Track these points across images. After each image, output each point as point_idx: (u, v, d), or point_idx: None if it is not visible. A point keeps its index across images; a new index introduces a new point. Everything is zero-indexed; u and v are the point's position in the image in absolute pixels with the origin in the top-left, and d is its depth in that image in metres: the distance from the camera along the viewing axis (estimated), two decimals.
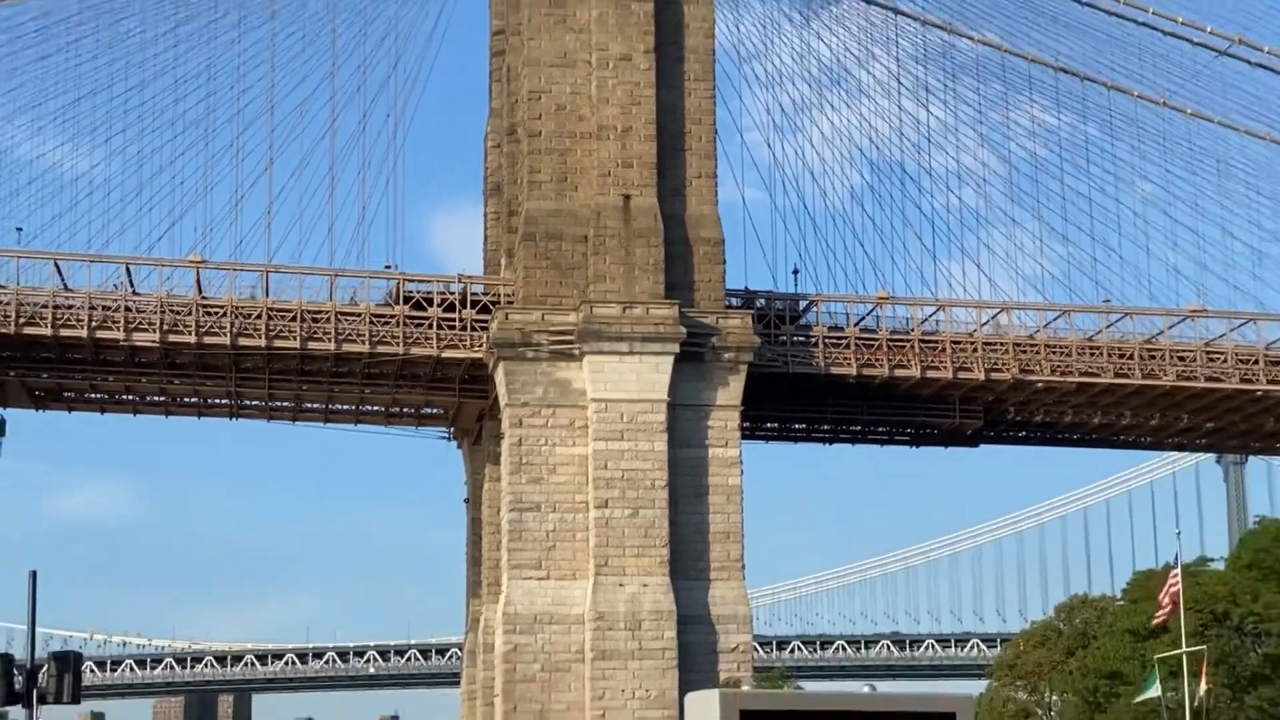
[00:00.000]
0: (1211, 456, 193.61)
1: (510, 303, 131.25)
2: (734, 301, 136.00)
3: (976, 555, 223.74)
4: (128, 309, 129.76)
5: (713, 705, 9.80)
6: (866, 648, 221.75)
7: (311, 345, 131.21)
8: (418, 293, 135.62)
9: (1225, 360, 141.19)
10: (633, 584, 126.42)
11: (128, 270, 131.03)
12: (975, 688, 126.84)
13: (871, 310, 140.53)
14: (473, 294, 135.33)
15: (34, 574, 45.16)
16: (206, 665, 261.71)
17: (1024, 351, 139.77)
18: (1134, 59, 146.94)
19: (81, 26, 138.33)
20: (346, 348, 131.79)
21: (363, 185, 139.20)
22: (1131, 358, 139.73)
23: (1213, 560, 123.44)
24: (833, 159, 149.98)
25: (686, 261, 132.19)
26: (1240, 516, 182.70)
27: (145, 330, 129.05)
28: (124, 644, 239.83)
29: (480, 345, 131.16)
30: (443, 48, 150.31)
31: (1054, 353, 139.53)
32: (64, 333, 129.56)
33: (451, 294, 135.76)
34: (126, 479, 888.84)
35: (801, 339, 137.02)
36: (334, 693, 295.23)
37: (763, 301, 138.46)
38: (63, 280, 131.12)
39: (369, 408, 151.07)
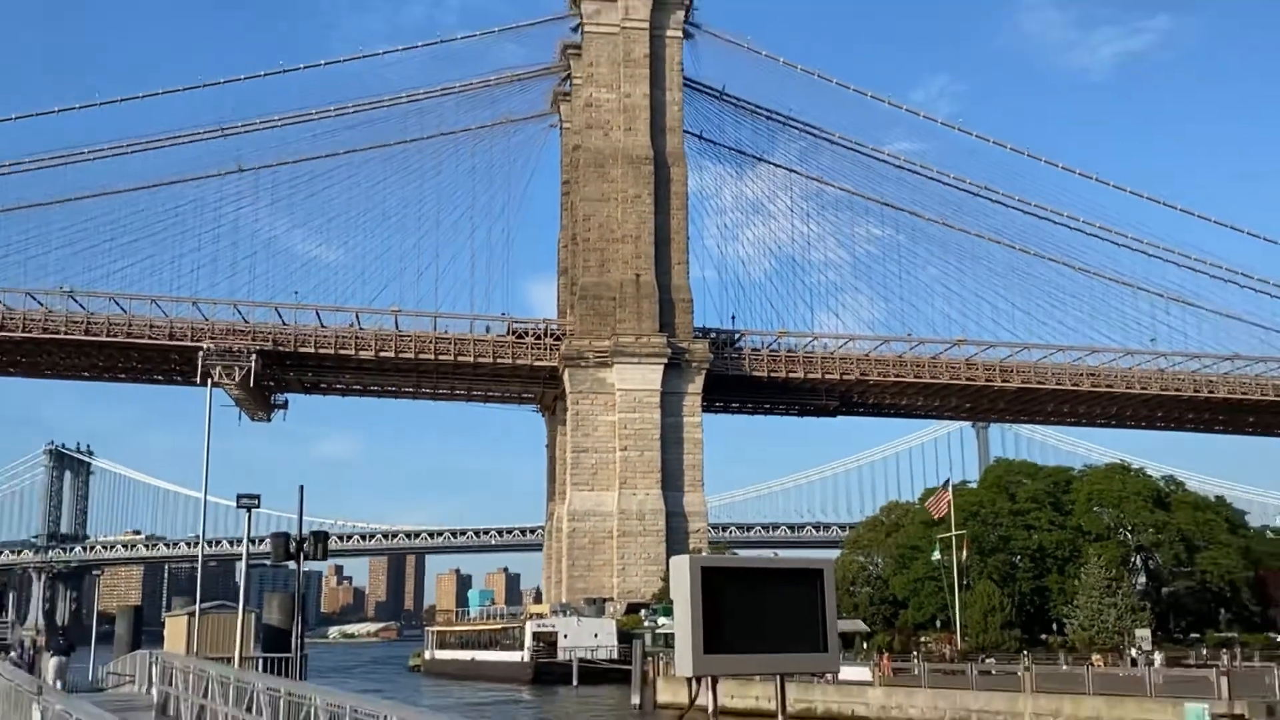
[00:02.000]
0: (969, 423, 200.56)
1: (571, 335, 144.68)
2: (697, 334, 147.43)
3: (837, 478, 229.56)
4: (358, 338, 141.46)
5: (684, 565, 7.81)
6: (774, 530, 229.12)
7: (460, 359, 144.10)
8: (520, 329, 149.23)
9: (975, 368, 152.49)
10: (640, 493, 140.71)
11: (357, 316, 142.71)
12: (834, 554, 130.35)
13: (775, 340, 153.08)
14: (551, 330, 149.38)
15: (301, 487, 45.38)
16: (399, 539, 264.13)
17: (860, 363, 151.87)
18: (926, 197, 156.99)
19: (335, 173, 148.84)
20: (481, 360, 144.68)
21: (490, 266, 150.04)
22: (923, 367, 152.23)
23: (969, 482, 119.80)
24: (753, 254, 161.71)
25: (671, 312, 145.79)
26: (985, 458, 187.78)
27: (367, 350, 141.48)
28: (353, 526, 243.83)
29: (555, 358, 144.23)
30: (535, 188, 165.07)
31: (877, 364, 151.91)
32: (321, 351, 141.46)
33: (539, 330, 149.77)
34: (356, 434, 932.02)
35: (735, 355, 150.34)
36: (471, 554, 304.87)
37: (714, 334, 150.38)
38: (319, 320, 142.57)
39: (493, 393, 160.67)
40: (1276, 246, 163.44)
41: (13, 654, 44.44)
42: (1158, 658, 70.81)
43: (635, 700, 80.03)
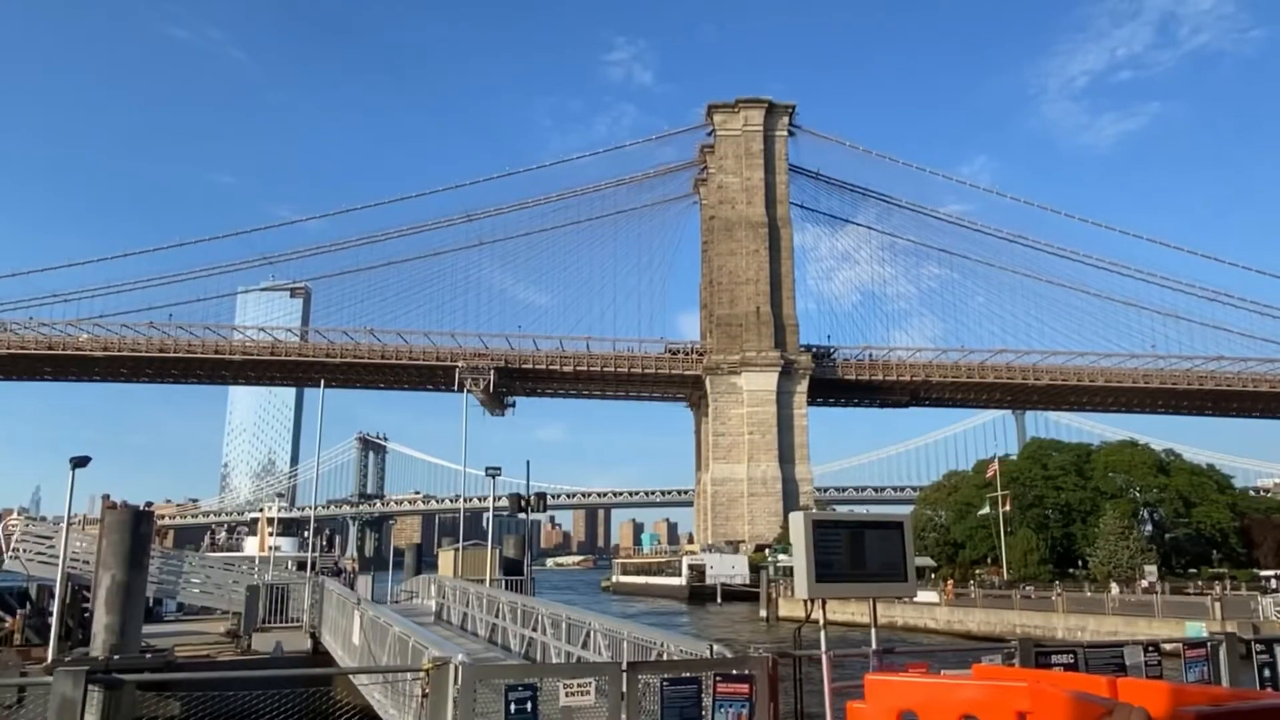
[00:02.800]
0: (1009, 411, 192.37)
1: (710, 352, 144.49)
2: (802, 349, 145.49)
3: (909, 453, 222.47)
4: (562, 358, 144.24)
5: (799, 519, 7.83)
6: (862, 491, 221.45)
7: (632, 370, 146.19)
8: (674, 348, 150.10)
9: (1013, 370, 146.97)
10: (762, 465, 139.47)
11: (561, 342, 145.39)
12: (909, 509, 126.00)
13: (860, 352, 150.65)
14: (695, 349, 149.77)
15: (528, 462, 45.66)
16: (593, 497, 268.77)
17: (925, 368, 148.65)
18: (973, 244, 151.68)
19: (545, 243, 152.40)
20: (646, 371, 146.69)
21: (651, 303, 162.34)
22: (973, 370, 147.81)
23: (1010, 456, 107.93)
24: (843, 290, 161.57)
25: (783, 334, 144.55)
26: (1022, 437, 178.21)
27: (568, 366, 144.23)
28: (561, 488, 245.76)
29: (699, 369, 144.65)
30: (682, 247, 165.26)
31: (938, 369, 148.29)
32: (537, 367, 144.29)
33: (687, 348, 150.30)
34: (562, 424, 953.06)
35: (831, 364, 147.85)
36: (642, 508, 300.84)
37: (815, 349, 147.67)
38: (535, 345, 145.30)
39: (655, 394, 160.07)
40: (1250, 272, 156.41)
41: (341, 577, 46.13)
42: (1164, 587, 66.71)
43: (763, 614, 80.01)
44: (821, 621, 8.09)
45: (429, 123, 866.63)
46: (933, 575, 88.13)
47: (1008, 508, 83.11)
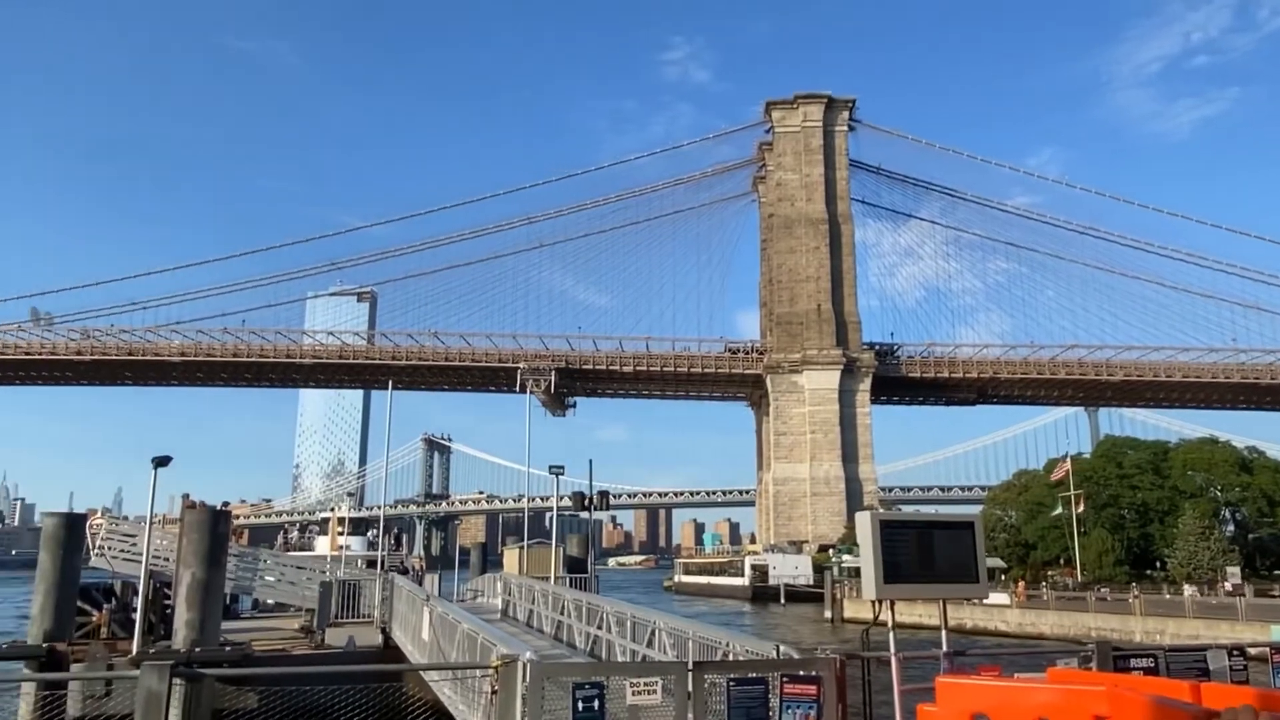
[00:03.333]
0: (1081, 408, 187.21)
1: (770, 350, 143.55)
2: (865, 347, 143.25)
3: (976, 452, 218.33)
4: (621, 358, 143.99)
5: (866, 518, 7.79)
6: (928, 491, 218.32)
7: (692, 370, 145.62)
8: (734, 347, 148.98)
9: (1085, 366, 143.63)
10: (825, 464, 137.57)
11: (620, 342, 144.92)
12: (976, 509, 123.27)
13: (925, 349, 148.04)
14: (755, 347, 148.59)
15: (590, 461, 46.32)
16: (654, 497, 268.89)
17: (993, 365, 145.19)
18: (1041, 237, 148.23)
19: (604, 244, 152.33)
20: (706, 370, 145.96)
21: (711, 303, 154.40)
22: (1043, 366, 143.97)
23: (1083, 454, 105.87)
24: (906, 286, 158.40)
25: (845, 331, 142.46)
26: (1095, 435, 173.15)
27: (628, 366, 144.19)
28: (622, 488, 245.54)
29: (759, 368, 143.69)
30: (740, 246, 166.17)
31: (1006, 365, 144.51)
32: (597, 368, 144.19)
33: (747, 347, 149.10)
34: (623, 424, 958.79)
35: (895, 362, 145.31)
36: (703, 508, 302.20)
37: (877, 347, 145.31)
38: (595, 346, 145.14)
39: (715, 394, 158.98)
40: None
41: (409, 575, 46.91)
42: (1248, 590, 64.10)
43: (827, 614, 79.37)
44: (890, 623, 8.01)
45: (490, 128, 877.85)
46: (1003, 577, 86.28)
47: (1081, 508, 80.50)
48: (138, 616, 27.23)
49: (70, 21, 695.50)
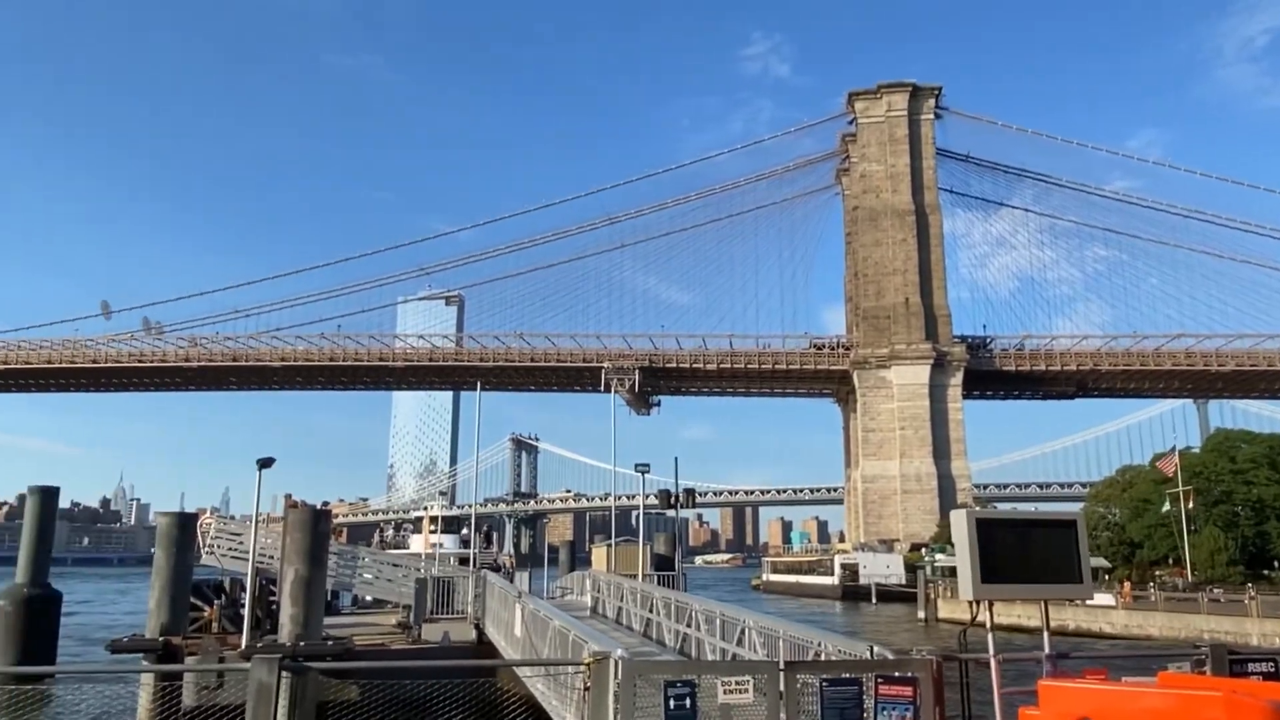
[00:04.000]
0: (1190, 400, 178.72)
1: (857, 346, 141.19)
2: (955, 340, 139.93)
3: (1075, 448, 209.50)
4: (705, 356, 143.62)
5: (962, 517, 7.74)
6: (1025, 488, 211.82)
7: (776, 367, 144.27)
8: (819, 343, 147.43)
9: (1193, 356, 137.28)
10: (916, 461, 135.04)
11: (704, 340, 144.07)
12: (1076, 507, 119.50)
13: (1019, 341, 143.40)
14: (841, 343, 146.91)
15: (676, 459, 46.06)
16: (740, 495, 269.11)
17: (1093, 357, 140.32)
18: (1143, 222, 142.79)
19: (685, 242, 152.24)
20: (791, 367, 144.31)
21: (795, 298, 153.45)
22: (1147, 357, 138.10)
23: (1192, 448, 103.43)
24: (998, 277, 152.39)
25: (934, 325, 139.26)
26: (1205, 429, 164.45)
27: (711, 364, 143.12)
28: (708, 486, 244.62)
29: (845, 364, 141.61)
30: (824, 240, 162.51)
31: (1108, 357, 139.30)
32: (681, 366, 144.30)
33: (833, 343, 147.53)
34: (708, 422, 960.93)
35: (988, 355, 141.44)
36: (790, 506, 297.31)
37: (969, 340, 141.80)
38: (679, 344, 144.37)
39: (801, 390, 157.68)
40: None
41: (499, 572, 47.70)
42: None
43: (921, 614, 78.06)
44: (988, 624, 7.86)
45: (573, 130, 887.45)
46: (1106, 576, 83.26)
47: (1190, 505, 77.20)
48: (246, 612, 28.40)
49: (179, 43, 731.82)
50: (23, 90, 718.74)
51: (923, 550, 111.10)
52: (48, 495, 40.95)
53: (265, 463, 27.09)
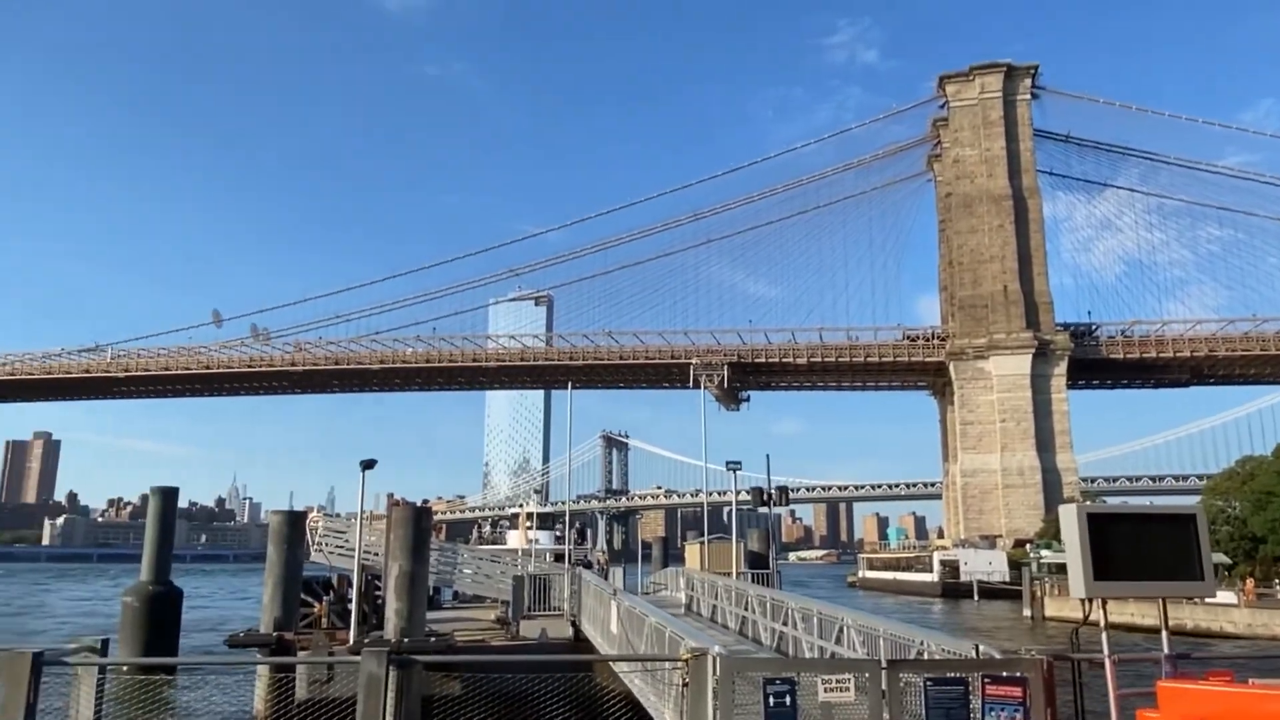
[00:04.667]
0: None
1: (953, 336, 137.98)
2: (1058, 328, 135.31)
3: (1190, 438, 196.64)
4: (794, 350, 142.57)
5: (1072, 512, 7.44)
6: (1136, 481, 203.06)
7: (868, 359, 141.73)
8: (912, 334, 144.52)
9: None
10: (1018, 455, 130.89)
11: (793, 334, 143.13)
12: (1192, 500, 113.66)
13: (1127, 327, 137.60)
14: (936, 334, 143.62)
15: (768, 456, 46.38)
16: (833, 490, 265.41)
17: (1208, 342, 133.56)
18: (1261, 199, 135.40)
19: (772, 236, 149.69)
20: (884, 360, 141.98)
21: (886, 289, 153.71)
22: (1268, 341, 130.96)
23: None
24: (1104, 261, 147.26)
25: (1035, 313, 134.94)
26: None
27: (801, 358, 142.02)
28: (800, 481, 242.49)
29: (941, 355, 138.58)
30: (916, 229, 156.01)
31: (1224, 341, 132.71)
32: (770, 360, 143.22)
33: (928, 334, 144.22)
34: (799, 417, 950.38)
35: (1094, 343, 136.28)
36: (885, 502, 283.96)
37: (1073, 328, 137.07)
38: (767, 339, 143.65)
39: (894, 383, 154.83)
40: None
41: (593, 568, 48.11)
42: None
43: (1026, 613, 75.71)
44: (1102, 623, 7.60)
45: (658, 127, 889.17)
46: (1227, 573, 79.14)
47: None
48: (353, 607, 29.41)
49: (287, 63, 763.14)
50: (156, 104, 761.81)
51: (1027, 546, 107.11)
52: (169, 495, 43.16)
53: (368, 464, 28.06)
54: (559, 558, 47.11)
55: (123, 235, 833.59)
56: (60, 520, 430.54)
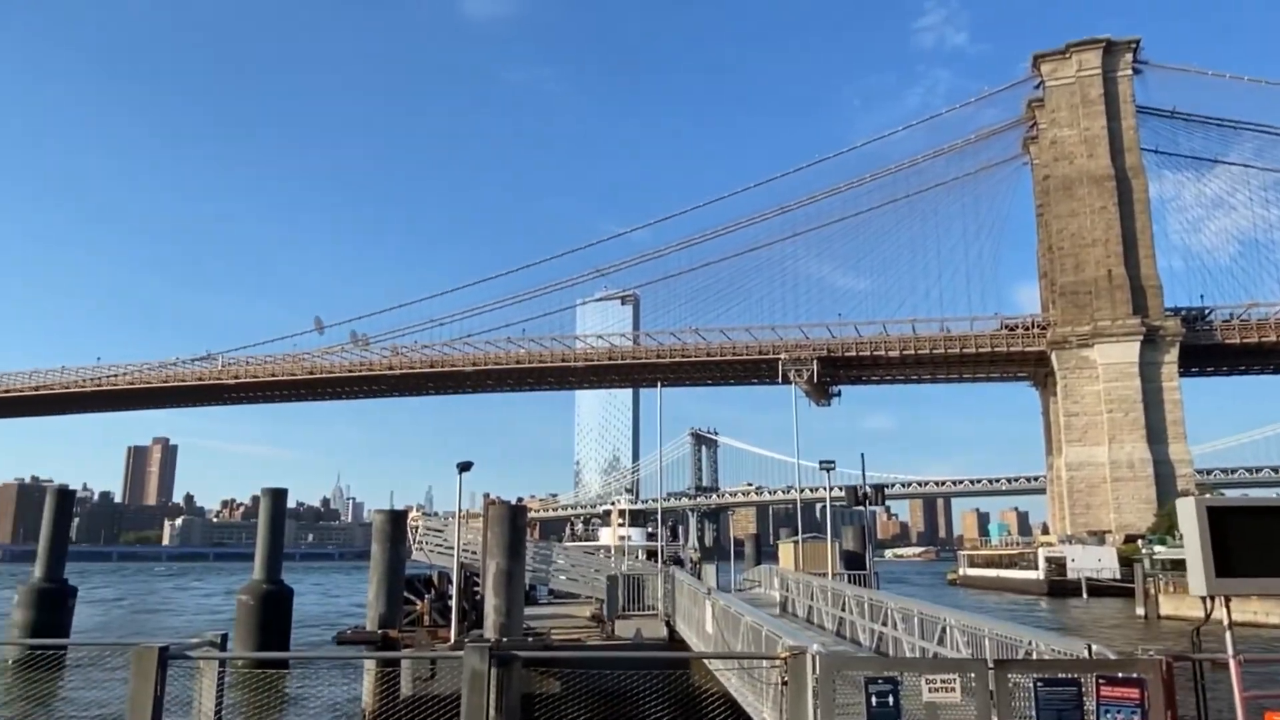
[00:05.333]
0: None
1: (1054, 324, 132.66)
2: (1168, 313, 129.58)
3: None
4: (886, 343, 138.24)
5: (1190, 506, 7.27)
6: (1256, 472, 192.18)
7: (964, 351, 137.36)
8: (1010, 323, 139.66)
9: None
10: (1127, 447, 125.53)
11: (884, 326, 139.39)
12: None
13: (1244, 311, 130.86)
14: (1036, 322, 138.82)
15: (863, 455, 47.60)
16: (930, 486, 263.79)
17: None
18: None
19: (860, 227, 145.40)
20: (981, 350, 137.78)
21: (982, 278, 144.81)
22: None
23: None
24: (1216, 242, 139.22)
25: (1142, 298, 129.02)
26: None
27: (893, 351, 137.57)
28: (894, 477, 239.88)
29: (1042, 344, 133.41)
30: (1012, 214, 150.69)
31: None
32: (860, 354, 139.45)
33: (1027, 323, 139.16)
34: (892, 411, 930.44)
35: (1207, 328, 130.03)
36: (984, 498, 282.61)
37: (1183, 312, 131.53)
38: (857, 332, 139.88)
39: (993, 375, 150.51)
40: None
41: (684, 565, 48.24)
42: None
43: (1139, 611, 72.62)
44: (1225, 621, 7.28)
45: (742, 121, 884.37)
46: None
47: None
48: (453, 605, 30.16)
49: (378, 76, 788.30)
50: (250, 118, 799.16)
51: (1139, 542, 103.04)
52: (278, 496, 45.24)
53: (464, 466, 28.77)
54: (650, 554, 47.32)
55: (225, 250, 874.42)
56: (179, 521, 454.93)
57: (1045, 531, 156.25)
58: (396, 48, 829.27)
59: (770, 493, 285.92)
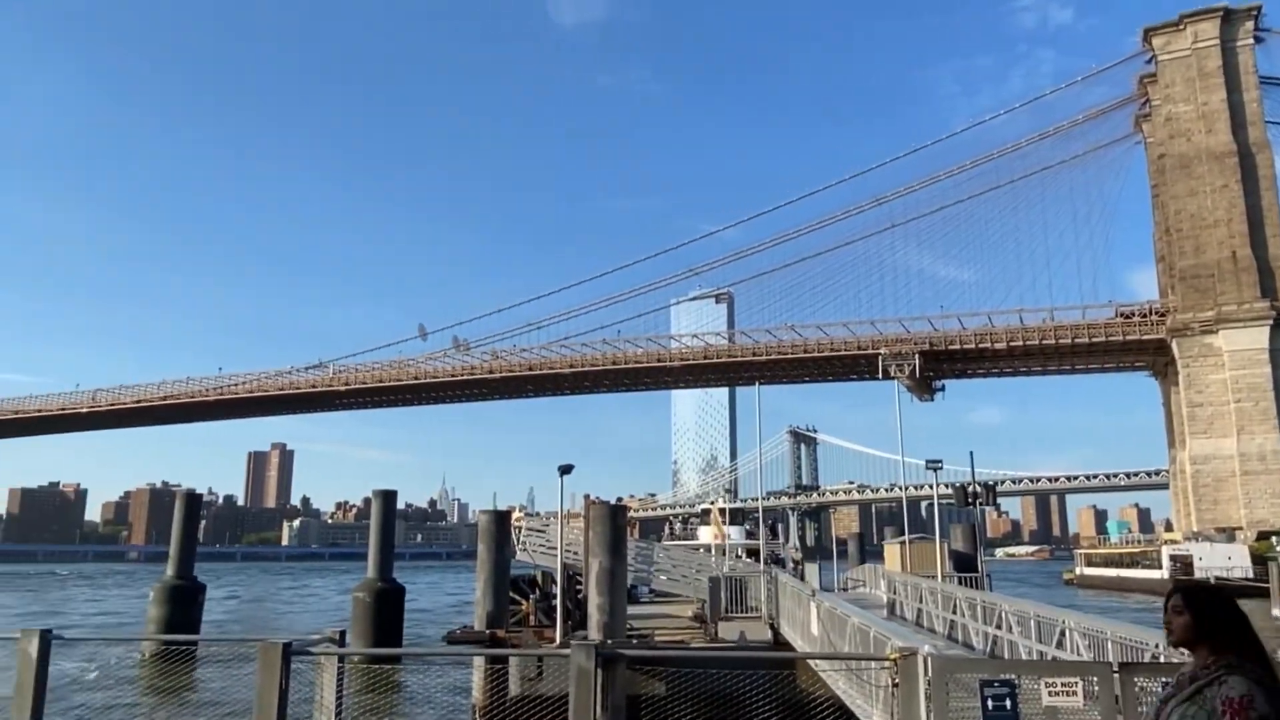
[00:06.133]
0: None
1: (1174, 311, 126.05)
2: None
3: None
4: (991, 334, 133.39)
5: None
6: None
7: (1076, 340, 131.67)
8: (1126, 311, 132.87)
9: None
10: (1258, 438, 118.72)
11: (989, 318, 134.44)
12: None
13: None
14: (1154, 309, 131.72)
15: (971, 453, 47.28)
16: (1042, 482, 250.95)
17: None
18: None
19: (961, 216, 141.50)
20: (1095, 340, 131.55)
21: (1094, 264, 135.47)
22: None
23: None
24: None
25: (1271, 279, 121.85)
26: None
27: (999, 343, 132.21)
28: (1004, 474, 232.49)
29: (1160, 332, 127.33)
30: (1124, 197, 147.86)
31: None
32: (964, 347, 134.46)
33: (1144, 310, 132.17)
34: (999, 405, 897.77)
35: None
36: (1101, 493, 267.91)
37: None
38: (960, 325, 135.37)
39: (1108, 365, 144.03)
40: None
41: (787, 566, 47.72)
42: None
43: (1276, 612, 67.66)
44: None
45: (837, 110, 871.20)
46: None
47: None
48: (558, 604, 30.63)
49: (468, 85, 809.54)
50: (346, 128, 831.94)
51: (1274, 539, 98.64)
52: (389, 498, 46.91)
53: (566, 469, 29.25)
54: (750, 553, 46.93)
55: (338, 265, 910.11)
56: (296, 522, 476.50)
57: (1169, 529, 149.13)
58: (488, 60, 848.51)
59: (873, 491, 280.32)
